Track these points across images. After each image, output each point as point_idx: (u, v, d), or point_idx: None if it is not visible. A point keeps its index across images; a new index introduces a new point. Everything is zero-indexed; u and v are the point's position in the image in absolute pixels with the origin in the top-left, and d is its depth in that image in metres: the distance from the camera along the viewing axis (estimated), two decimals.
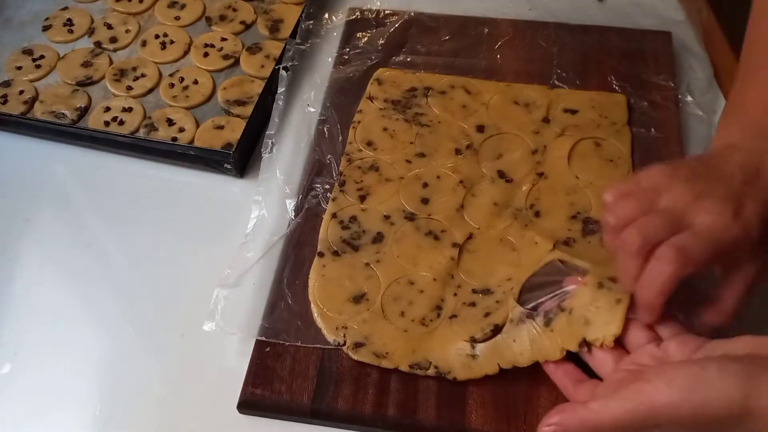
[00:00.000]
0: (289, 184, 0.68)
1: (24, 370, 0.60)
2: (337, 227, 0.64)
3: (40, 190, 0.71)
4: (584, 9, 0.82)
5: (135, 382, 0.59)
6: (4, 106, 0.75)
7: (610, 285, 0.52)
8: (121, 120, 0.73)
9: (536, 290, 0.57)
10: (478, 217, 0.64)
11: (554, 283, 0.56)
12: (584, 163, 0.67)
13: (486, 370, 0.55)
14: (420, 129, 0.71)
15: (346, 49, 0.78)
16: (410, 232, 0.63)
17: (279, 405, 0.56)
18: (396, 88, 0.74)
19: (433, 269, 0.61)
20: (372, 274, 0.61)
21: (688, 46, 0.77)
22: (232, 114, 0.73)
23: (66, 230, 0.68)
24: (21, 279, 0.65)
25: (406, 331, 0.58)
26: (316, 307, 0.59)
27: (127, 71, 0.77)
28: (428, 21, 0.80)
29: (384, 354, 0.57)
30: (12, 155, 0.74)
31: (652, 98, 0.72)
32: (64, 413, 0.58)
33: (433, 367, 0.56)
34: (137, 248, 0.67)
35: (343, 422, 0.56)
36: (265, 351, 0.58)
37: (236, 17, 0.82)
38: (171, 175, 0.72)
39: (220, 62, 0.78)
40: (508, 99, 0.72)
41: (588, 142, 0.68)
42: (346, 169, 0.68)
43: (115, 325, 0.62)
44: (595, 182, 0.66)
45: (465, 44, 0.78)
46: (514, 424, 0.54)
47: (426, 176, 0.67)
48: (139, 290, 0.64)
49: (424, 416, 0.55)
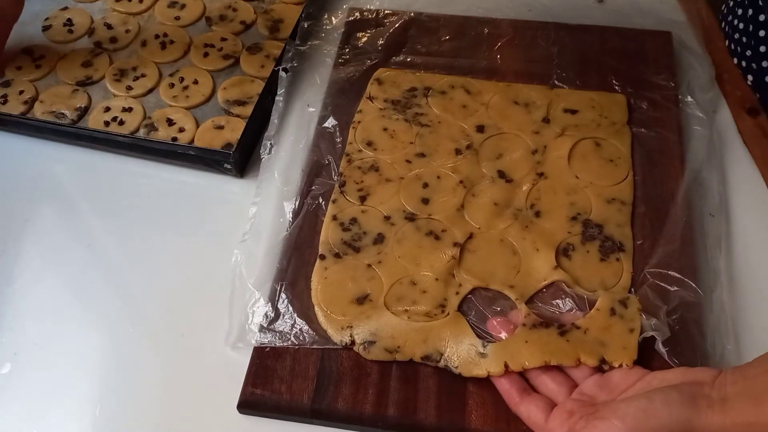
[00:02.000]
0: (288, 185, 0.68)
1: (24, 370, 0.60)
2: (337, 229, 0.64)
3: (40, 190, 0.71)
4: (584, 9, 0.83)
5: (135, 382, 0.59)
6: (4, 106, 0.75)
7: (622, 311, 0.57)
8: (121, 120, 0.73)
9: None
10: (478, 217, 0.64)
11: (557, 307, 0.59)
12: (584, 163, 0.67)
13: (492, 368, 0.55)
14: (420, 129, 0.71)
15: (346, 49, 0.78)
16: (411, 233, 0.63)
17: (279, 405, 0.56)
18: (396, 88, 0.74)
19: (435, 269, 0.61)
20: (374, 275, 0.61)
21: (688, 46, 0.77)
22: (232, 114, 0.73)
23: (66, 230, 0.68)
24: (21, 279, 0.65)
25: (414, 323, 0.58)
26: (320, 309, 0.59)
27: (127, 71, 0.77)
28: (428, 21, 0.80)
29: (396, 348, 0.57)
30: (12, 155, 0.74)
31: (653, 98, 0.72)
32: (64, 413, 0.58)
33: (443, 360, 0.56)
34: (137, 248, 0.67)
35: (343, 422, 0.56)
36: (265, 351, 0.58)
37: (236, 17, 0.82)
38: (171, 175, 0.72)
39: (220, 62, 0.78)
40: (508, 99, 0.72)
41: (588, 142, 0.69)
42: (346, 170, 0.68)
43: (115, 325, 0.62)
44: (595, 182, 0.66)
45: (465, 44, 0.78)
46: (514, 424, 0.54)
47: (426, 176, 0.67)
48: (139, 290, 0.64)
49: (424, 416, 0.55)
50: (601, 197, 0.65)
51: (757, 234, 0.65)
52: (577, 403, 0.52)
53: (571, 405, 0.51)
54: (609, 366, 0.54)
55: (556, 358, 0.55)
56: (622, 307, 0.57)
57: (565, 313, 0.58)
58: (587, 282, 0.60)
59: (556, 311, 0.59)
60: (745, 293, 0.61)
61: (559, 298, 0.59)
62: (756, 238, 0.65)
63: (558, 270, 0.60)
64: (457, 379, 0.56)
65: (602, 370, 0.55)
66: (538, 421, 0.52)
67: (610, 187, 0.66)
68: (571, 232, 0.63)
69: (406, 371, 0.57)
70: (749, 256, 0.64)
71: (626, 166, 0.67)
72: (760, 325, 0.60)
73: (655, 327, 0.56)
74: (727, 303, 0.60)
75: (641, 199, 0.65)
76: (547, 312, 0.58)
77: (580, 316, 0.57)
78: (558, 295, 0.60)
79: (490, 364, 0.55)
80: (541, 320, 0.57)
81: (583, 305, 0.59)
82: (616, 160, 0.67)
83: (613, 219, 0.63)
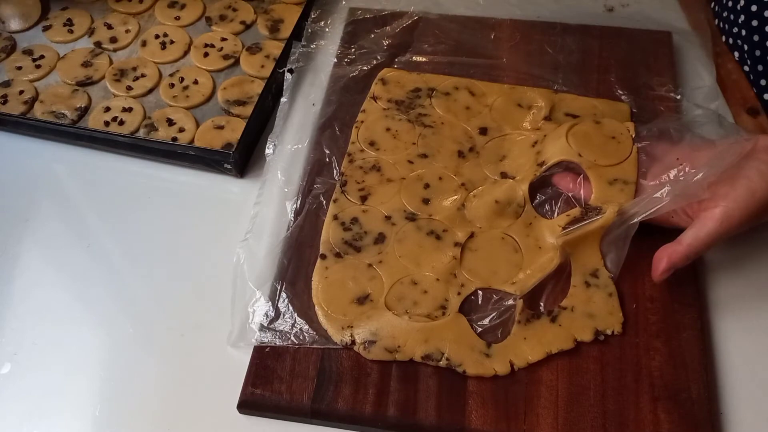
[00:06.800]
0: (290, 185, 0.68)
1: (24, 370, 0.60)
2: (338, 229, 0.64)
3: (40, 190, 0.71)
4: (591, 15, 0.83)
5: (135, 382, 0.59)
6: (4, 106, 0.75)
7: (595, 281, 0.60)
8: (121, 120, 0.73)
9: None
10: (479, 216, 0.64)
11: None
12: (585, 140, 0.64)
13: (497, 368, 0.56)
14: (423, 130, 0.70)
15: (351, 49, 0.78)
16: (412, 232, 0.63)
17: (279, 405, 0.56)
18: (400, 88, 0.74)
19: (436, 269, 0.61)
20: (375, 274, 0.61)
21: (691, 54, 0.77)
22: (232, 114, 0.73)
23: (66, 230, 0.68)
24: (21, 279, 0.65)
25: (415, 323, 0.58)
26: (320, 309, 0.59)
27: (127, 71, 0.77)
28: (434, 21, 0.80)
29: (396, 348, 0.57)
30: (12, 155, 0.74)
31: (655, 105, 0.71)
32: (64, 413, 0.58)
33: (444, 359, 0.56)
34: (137, 248, 0.67)
35: (343, 422, 0.56)
36: (265, 351, 0.58)
37: (236, 17, 0.82)
38: (171, 175, 0.72)
39: (220, 62, 0.78)
40: (511, 101, 0.72)
41: (587, 122, 0.66)
42: (348, 169, 0.68)
43: (115, 325, 0.62)
44: (599, 161, 0.63)
45: (470, 45, 0.78)
46: (514, 424, 0.54)
47: (428, 177, 0.67)
48: (139, 290, 0.64)
49: (424, 416, 0.55)
50: (603, 178, 0.62)
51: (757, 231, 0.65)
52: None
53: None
54: (603, 335, 0.57)
55: (555, 346, 0.57)
56: (593, 278, 0.60)
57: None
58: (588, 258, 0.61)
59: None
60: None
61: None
62: (756, 234, 0.64)
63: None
64: (457, 379, 0.56)
65: (599, 340, 0.57)
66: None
67: (613, 167, 0.63)
68: (570, 214, 0.62)
69: (407, 371, 0.57)
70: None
71: (628, 142, 0.64)
72: None
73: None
74: None
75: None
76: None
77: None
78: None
79: (496, 363, 0.56)
80: (533, 312, 0.58)
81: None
82: (618, 137, 0.65)
83: (615, 200, 0.61)
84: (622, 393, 0.55)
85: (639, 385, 0.55)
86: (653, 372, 0.56)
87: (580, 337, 0.57)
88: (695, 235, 0.56)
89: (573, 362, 0.57)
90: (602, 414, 0.54)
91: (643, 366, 0.56)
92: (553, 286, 0.60)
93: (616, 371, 0.56)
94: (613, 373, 0.56)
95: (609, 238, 0.60)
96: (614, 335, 0.58)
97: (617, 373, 0.56)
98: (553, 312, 0.59)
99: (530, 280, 0.60)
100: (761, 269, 0.63)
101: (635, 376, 0.56)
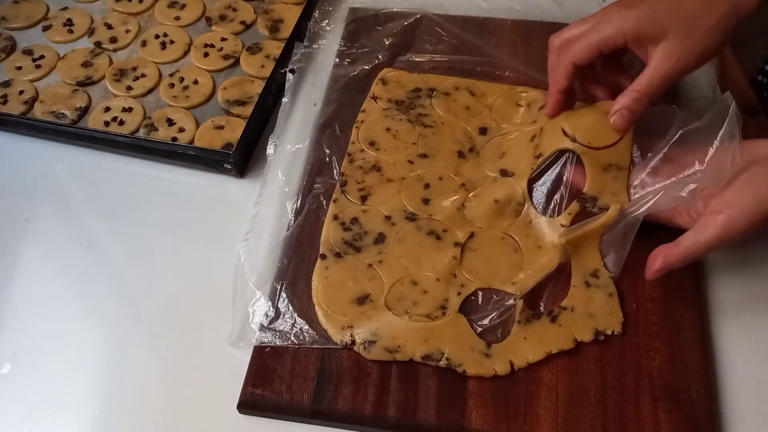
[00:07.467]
0: (290, 184, 0.68)
1: (24, 370, 0.60)
2: (338, 229, 0.64)
3: (40, 190, 0.71)
4: None
5: (135, 382, 0.59)
6: (4, 106, 0.75)
7: (595, 281, 0.60)
8: (121, 120, 0.73)
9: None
10: (479, 216, 0.64)
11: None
12: (579, 120, 0.62)
13: (497, 368, 0.56)
14: (423, 130, 0.70)
15: (351, 49, 0.78)
16: (412, 232, 0.63)
17: (279, 405, 0.56)
18: (400, 88, 0.74)
19: (436, 269, 0.61)
20: (375, 274, 0.61)
21: None
22: (232, 114, 0.73)
23: (66, 230, 0.68)
24: (21, 279, 0.65)
25: (415, 323, 0.58)
26: (320, 309, 0.60)
27: (127, 71, 0.77)
28: (435, 21, 0.80)
29: (396, 348, 0.57)
30: (12, 155, 0.74)
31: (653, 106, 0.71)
32: (64, 413, 0.58)
33: (444, 359, 0.56)
34: (137, 248, 0.67)
35: (343, 422, 0.56)
36: (265, 351, 0.58)
37: (236, 17, 0.82)
38: (171, 175, 0.72)
39: (220, 62, 0.78)
40: (511, 101, 0.72)
41: (582, 105, 0.65)
42: (348, 169, 0.68)
43: (115, 325, 0.62)
44: (592, 143, 0.61)
45: (471, 45, 0.78)
46: (514, 424, 0.54)
47: (428, 177, 0.67)
48: (140, 290, 0.64)
49: (424, 416, 0.55)
50: (597, 165, 0.61)
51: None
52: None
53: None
54: (603, 335, 0.57)
55: (554, 346, 0.57)
56: (593, 278, 0.60)
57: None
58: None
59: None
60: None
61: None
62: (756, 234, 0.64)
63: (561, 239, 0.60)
64: (457, 379, 0.56)
65: (599, 340, 0.57)
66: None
67: (607, 152, 0.61)
68: (571, 212, 0.62)
69: (407, 371, 0.57)
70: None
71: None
72: None
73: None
74: None
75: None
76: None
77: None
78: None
79: (496, 363, 0.56)
80: (533, 312, 0.58)
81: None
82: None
83: (608, 188, 0.61)
84: (622, 393, 0.55)
85: (639, 385, 0.55)
86: (653, 372, 0.56)
87: (580, 337, 0.57)
88: (695, 239, 0.55)
89: (573, 362, 0.57)
90: (602, 414, 0.54)
91: (643, 366, 0.56)
92: (553, 286, 0.60)
93: (616, 371, 0.56)
94: (613, 373, 0.56)
95: (609, 237, 0.60)
96: (614, 335, 0.58)
97: (617, 373, 0.56)
98: (553, 312, 0.59)
99: (530, 280, 0.60)
100: (761, 269, 0.63)
101: (635, 376, 0.56)
